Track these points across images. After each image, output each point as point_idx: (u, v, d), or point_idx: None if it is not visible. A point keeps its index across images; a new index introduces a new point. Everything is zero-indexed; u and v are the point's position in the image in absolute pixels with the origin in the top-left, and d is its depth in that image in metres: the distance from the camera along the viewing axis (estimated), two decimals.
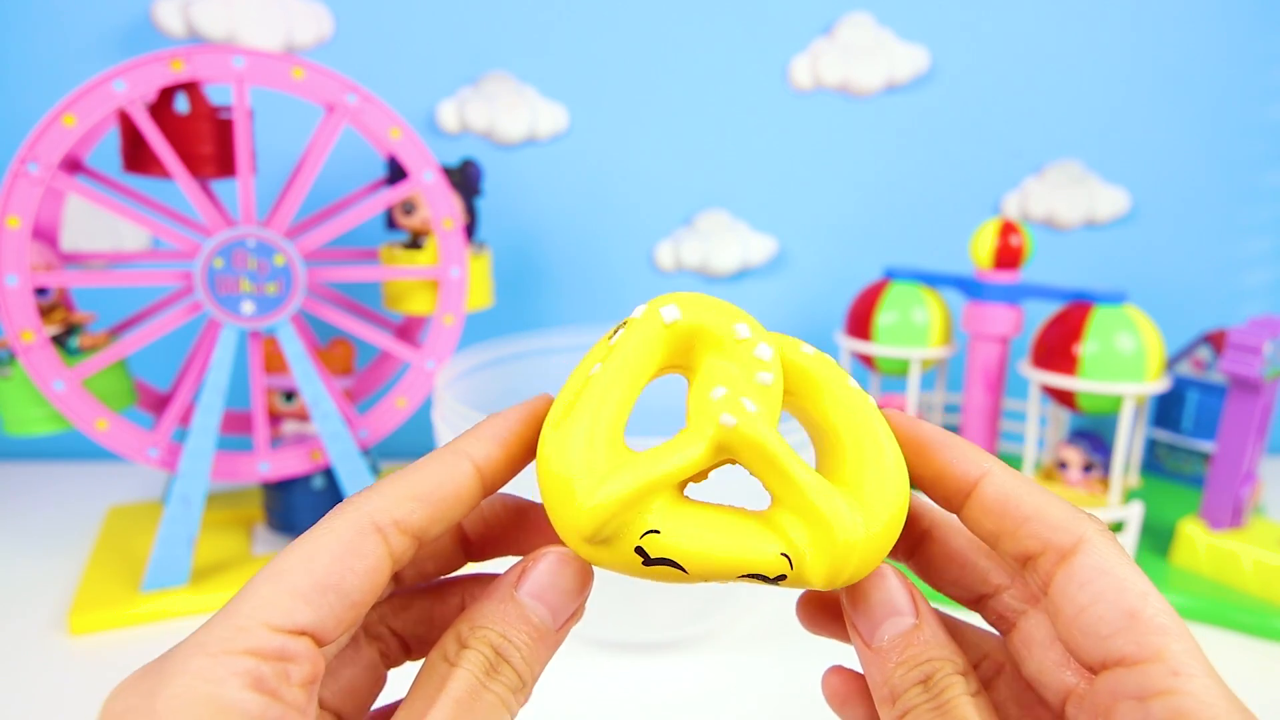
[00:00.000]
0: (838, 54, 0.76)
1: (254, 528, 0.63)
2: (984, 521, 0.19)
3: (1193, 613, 0.54)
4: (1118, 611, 0.17)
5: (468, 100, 0.74)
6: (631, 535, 0.18)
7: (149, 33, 0.70)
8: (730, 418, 0.19)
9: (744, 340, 0.20)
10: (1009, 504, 0.19)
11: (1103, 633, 0.17)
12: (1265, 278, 0.83)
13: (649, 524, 0.18)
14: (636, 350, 0.20)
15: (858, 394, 0.21)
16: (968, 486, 0.20)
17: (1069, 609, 0.18)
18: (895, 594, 0.19)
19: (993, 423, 0.66)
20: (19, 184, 0.48)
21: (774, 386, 0.20)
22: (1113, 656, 0.17)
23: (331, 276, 0.56)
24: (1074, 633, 0.17)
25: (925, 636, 0.19)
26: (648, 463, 0.18)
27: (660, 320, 0.20)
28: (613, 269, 0.81)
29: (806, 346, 0.21)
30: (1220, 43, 0.77)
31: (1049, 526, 0.18)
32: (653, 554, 0.18)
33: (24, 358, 0.50)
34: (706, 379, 0.20)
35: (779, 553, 0.18)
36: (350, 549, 0.17)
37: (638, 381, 0.20)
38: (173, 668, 0.15)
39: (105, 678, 0.47)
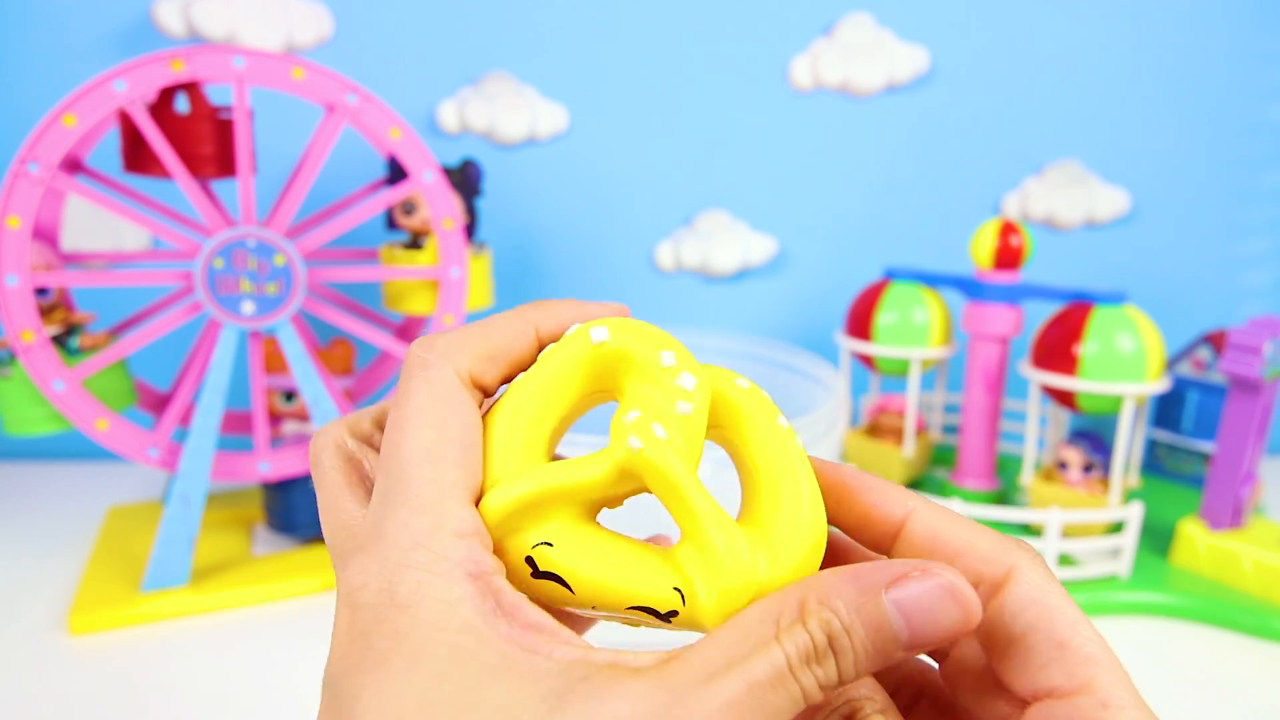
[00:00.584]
0: (838, 54, 0.76)
1: (254, 528, 0.63)
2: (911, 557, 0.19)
3: (1193, 613, 0.54)
4: (1049, 643, 0.17)
5: (468, 100, 0.74)
6: (525, 544, 0.18)
7: (149, 33, 0.70)
8: (636, 441, 0.18)
9: (668, 369, 0.19)
10: (937, 540, 0.19)
11: (1034, 664, 0.17)
12: (1265, 278, 0.83)
13: (544, 536, 0.18)
14: (560, 364, 0.20)
15: (784, 433, 0.20)
16: (894, 527, 0.19)
17: (1001, 641, 0.17)
18: None
19: (993, 423, 0.66)
20: (19, 184, 0.48)
21: (693, 417, 0.19)
22: (1044, 688, 0.17)
23: (331, 276, 0.56)
24: (1006, 665, 0.17)
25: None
26: (548, 473, 0.18)
27: (588, 340, 0.20)
28: (613, 269, 0.80)
29: (741, 380, 0.21)
30: (1220, 43, 0.77)
31: (979, 559, 0.18)
32: (540, 566, 0.18)
33: (24, 358, 0.50)
34: (626, 404, 0.19)
35: (672, 587, 0.18)
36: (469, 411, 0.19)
37: (561, 395, 0.20)
38: (399, 558, 0.17)
39: (105, 678, 0.47)
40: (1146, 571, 0.57)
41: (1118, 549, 0.58)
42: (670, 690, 0.15)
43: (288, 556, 0.58)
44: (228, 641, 0.50)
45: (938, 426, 0.77)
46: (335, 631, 0.17)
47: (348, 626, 0.17)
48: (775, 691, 0.16)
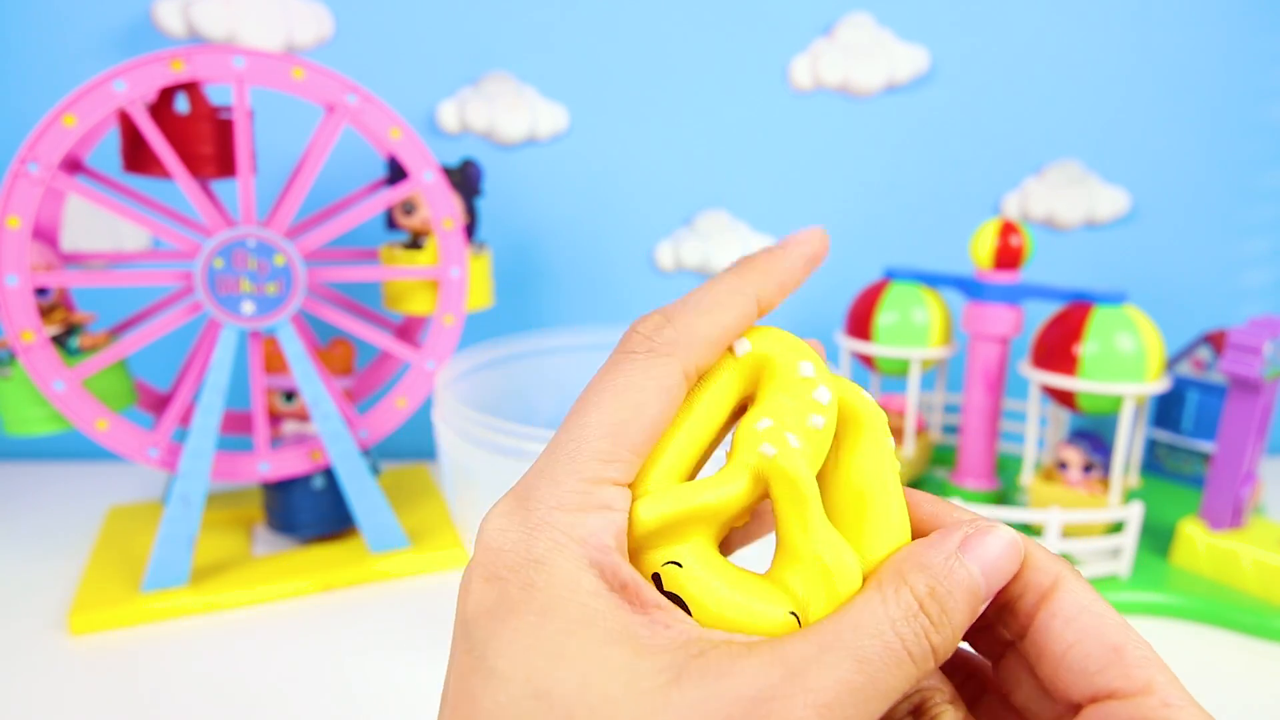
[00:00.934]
0: (838, 54, 0.76)
1: (254, 528, 0.63)
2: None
3: (1193, 613, 0.54)
4: (1103, 647, 0.17)
5: (468, 100, 0.74)
6: (656, 560, 0.19)
7: (149, 33, 0.70)
8: (770, 448, 0.19)
9: (806, 379, 0.20)
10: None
11: (1090, 668, 0.17)
12: (1265, 278, 0.83)
13: (675, 555, 0.18)
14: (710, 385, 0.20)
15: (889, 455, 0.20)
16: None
17: (1056, 646, 0.18)
18: None
19: (993, 423, 0.66)
20: (19, 184, 0.48)
21: (824, 432, 0.19)
22: (1103, 691, 0.17)
23: (331, 276, 0.56)
24: (1061, 670, 0.18)
25: None
26: (695, 491, 0.18)
27: (732, 354, 0.20)
28: (613, 269, 0.81)
29: (868, 393, 0.21)
30: (1220, 43, 0.77)
31: (1029, 568, 0.19)
32: (666, 586, 0.18)
33: (24, 358, 0.50)
34: (759, 410, 0.20)
35: (788, 612, 0.18)
36: (674, 400, 0.19)
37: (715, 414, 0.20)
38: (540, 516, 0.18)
39: (105, 678, 0.47)
40: (1146, 571, 0.57)
41: (1118, 549, 0.58)
42: (785, 665, 0.16)
43: (288, 556, 0.58)
44: (228, 641, 0.50)
45: (938, 426, 0.77)
46: (471, 575, 0.18)
47: (484, 571, 0.18)
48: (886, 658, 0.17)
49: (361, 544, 0.60)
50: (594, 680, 0.16)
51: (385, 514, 0.58)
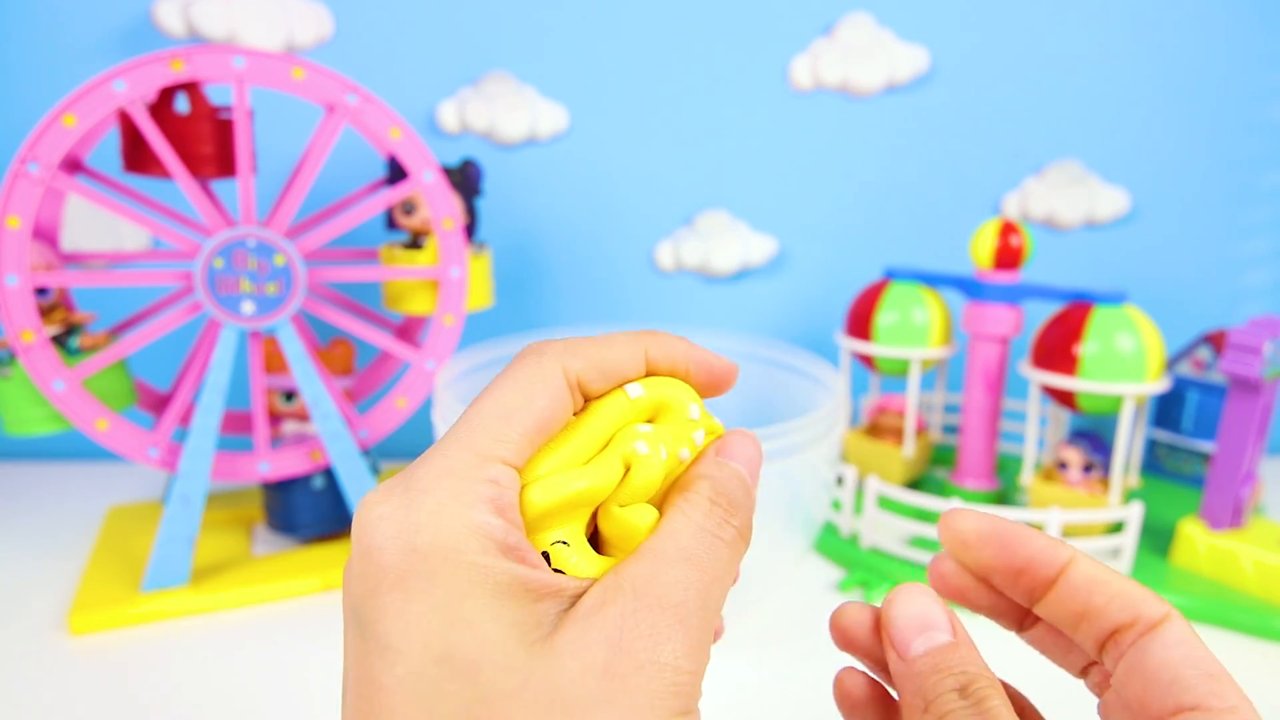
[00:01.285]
0: (838, 54, 0.76)
1: (254, 528, 0.63)
2: (1070, 604, 0.21)
3: (1193, 613, 0.54)
4: (1199, 672, 0.19)
5: (468, 100, 0.74)
6: (545, 541, 0.20)
7: (149, 33, 0.70)
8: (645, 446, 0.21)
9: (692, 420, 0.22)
10: (1097, 584, 0.20)
11: (1181, 684, 0.19)
12: (1265, 278, 0.83)
13: (562, 536, 0.20)
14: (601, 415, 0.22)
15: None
16: (1053, 573, 0.21)
17: (1151, 663, 0.19)
18: (931, 609, 0.20)
19: (993, 423, 0.66)
20: (19, 184, 0.48)
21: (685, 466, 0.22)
22: (1188, 704, 0.19)
23: (331, 276, 0.56)
24: (1151, 683, 0.19)
25: (963, 654, 0.19)
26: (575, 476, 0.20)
27: (626, 396, 0.22)
28: (613, 269, 0.81)
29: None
30: (1220, 43, 0.77)
31: (1137, 601, 0.20)
32: (554, 564, 0.19)
33: (24, 358, 0.50)
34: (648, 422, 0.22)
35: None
36: (560, 402, 0.20)
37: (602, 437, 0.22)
38: (424, 484, 0.18)
39: (105, 678, 0.47)
40: (1146, 571, 0.57)
41: (1118, 549, 0.58)
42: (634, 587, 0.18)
43: (288, 556, 0.58)
44: (228, 641, 0.50)
45: (938, 426, 0.77)
46: (350, 560, 0.18)
47: (363, 552, 0.18)
48: (705, 548, 0.19)
49: None
50: (493, 636, 0.16)
51: None
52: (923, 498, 0.57)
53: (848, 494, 0.63)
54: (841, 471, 0.63)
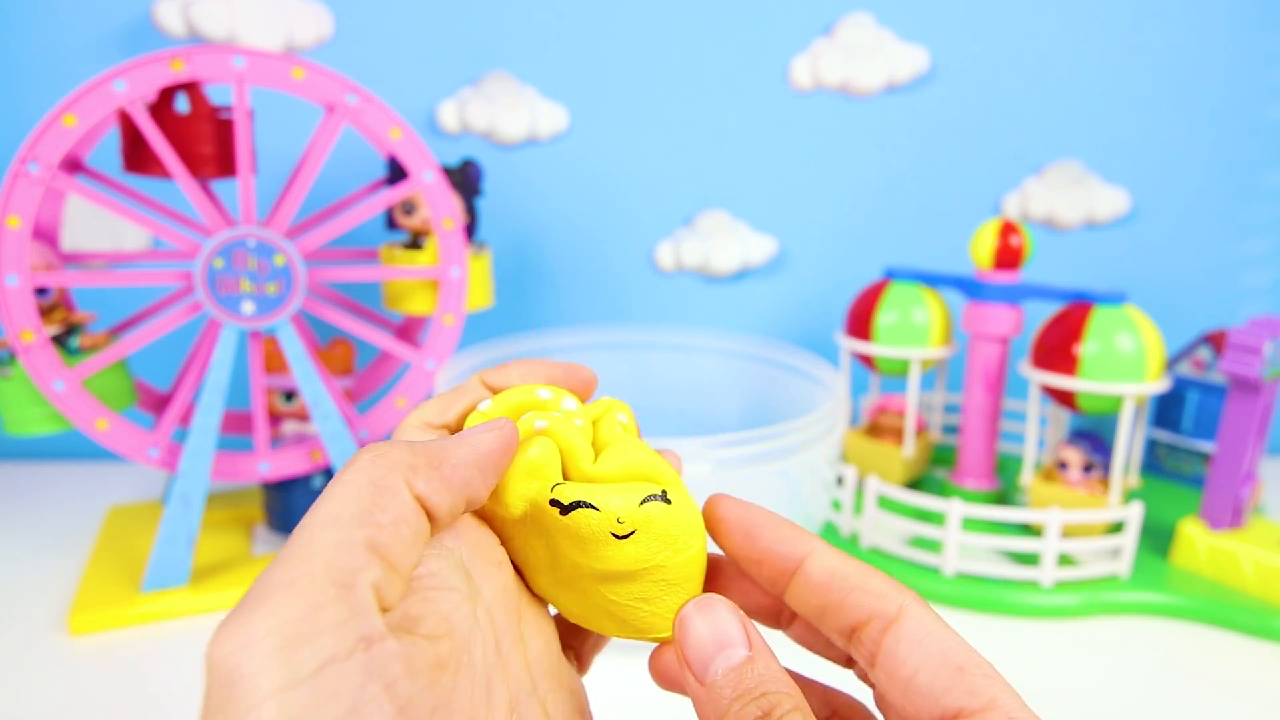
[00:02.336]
0: (838, 54, 0.76)
1: (254, 528, 0.63)
2: (810, 597, 0.20)
3: (1193, 613, 0.54)
4: (948, 668, 0.18)
5: (468, 100, 0.74)
6: (543, 497, 0.21)
7: (149, 33, 0.70)
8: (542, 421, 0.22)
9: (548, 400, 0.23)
10: (834, 578, 0.20)
11: (936, 689, 0.18)
12: (1265, 278, 0.83)
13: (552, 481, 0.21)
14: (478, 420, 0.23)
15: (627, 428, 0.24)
16: (794, 564, 0.20)
17: (903, 671, 0.18)
18: (726, 624, 0.19)
19: (993, 423, 0.66)
20: (19, 184, 0.48)
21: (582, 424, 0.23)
22: (950, 710, 0.18)
23: (331, 276, 0.56)
24: (909, 693, 0.18)
25: (760, 669, 0.18)
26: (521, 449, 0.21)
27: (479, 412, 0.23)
28: (613, 269, 0.81)
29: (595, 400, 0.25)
30: (1220, 43, 0.77)
31: (874, 596, 0.19)
32: (565, 500, 0.20)
33: (24, 358, 0.50)
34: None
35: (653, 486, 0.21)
36: (395, 506, 0.18)
37: None
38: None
39: (105, 678, 0.47)
40: (1146, 571, 0.57)
41: (1118, 549, 0.58)
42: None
43: None
44: None
45: (938, 426, 0.77)
46: None
47: None
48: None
49: None
50: None
51: None
52: (923, 498, 0.57)
53: (848, 494, 0.63)
54: (841, 471, 0.63)
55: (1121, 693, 0.47)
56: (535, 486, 0.21)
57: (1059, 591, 0.55)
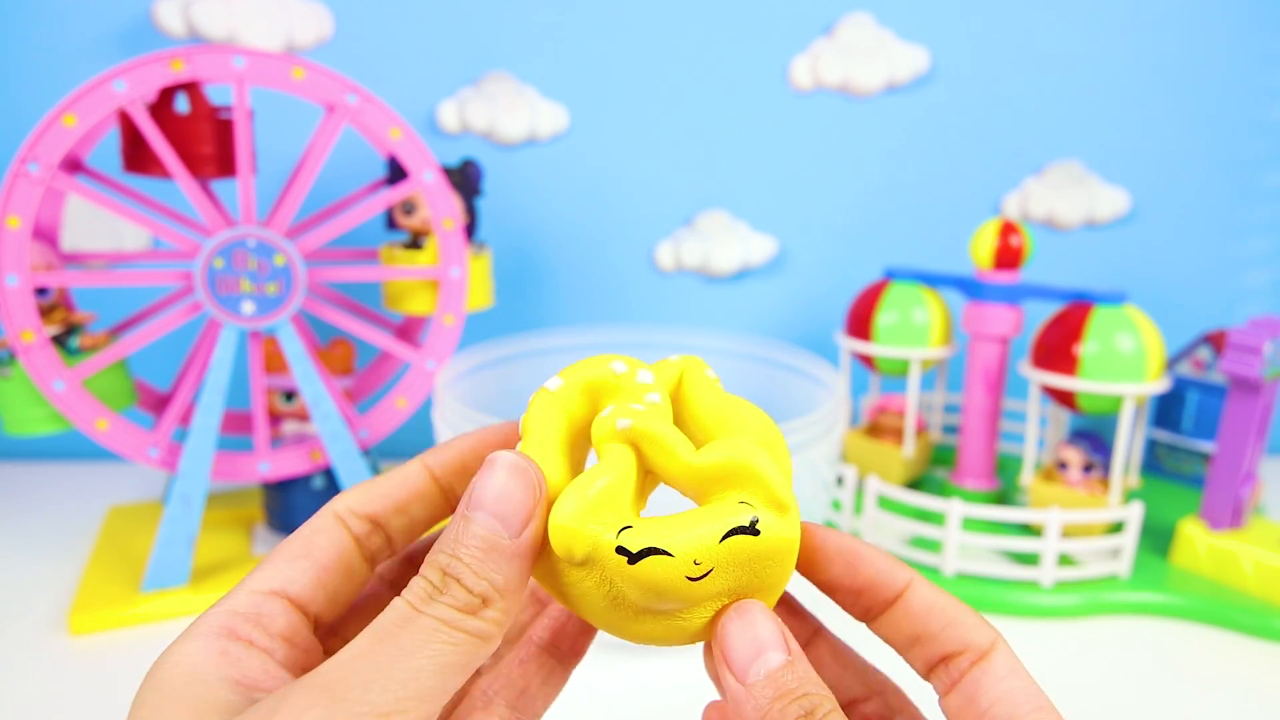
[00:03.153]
0: (838, 54, 0.76)
1: (254, 528, 0.63)
2: (905, 627, 0.21)
3: (1193, 613, 0.54)
4: (1033, 707, 0.19)
5: (468, 100, 0.74)
6: (608, 543, 0.18)
7: (149, 33, 0.70)
8: (625, 420, 0.20)
9: (623, 374, 0.21)
10: (933, 610, 0.21)
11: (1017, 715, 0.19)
12: (1265, 278, 0.83)
13: (622, 522, 0.19)
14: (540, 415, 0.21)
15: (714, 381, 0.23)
16: (893, 596, 0.21)
17: (983, 701, 0.20)
18: (765, 629, 0.20)
19: (993, 423, 0.66)
20: (19, 184, 0.48)
21: (663, 403, 0.21)
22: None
23: (331, 276, 0.56)
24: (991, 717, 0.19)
25: (799, 673, 0.19)
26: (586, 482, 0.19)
27: (547, 390, 0.22)
28: (613, 269, 0.81)
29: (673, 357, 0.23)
30: (1220, 43, 0.77)
31: (969, 629, 0.21)
32: (634, 548, 0.18)
33: (24, 358, 0.50)
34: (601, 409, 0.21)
35: (738, 502, 0.19)
36: (315, 529, 0.21)
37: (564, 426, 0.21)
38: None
39: (105, 678, 0.47)
40: (1146, 571, 0.57)
41: (1118, 549, 0.58)
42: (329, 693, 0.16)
43: None
44: None
45: (938, 426, 0.77)
46: None
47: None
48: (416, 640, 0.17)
49: None
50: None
51: None
52: (923, 498, 0.57)
53: (848, 494, 0.63)
54: (841, 471, 0.63)
55: (1121, 693, 0.47)
56: (598, 527, 0.19)
57: (1059, 591, 0.55)
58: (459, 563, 0.18)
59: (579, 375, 0.22)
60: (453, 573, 0.18)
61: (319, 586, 0.20)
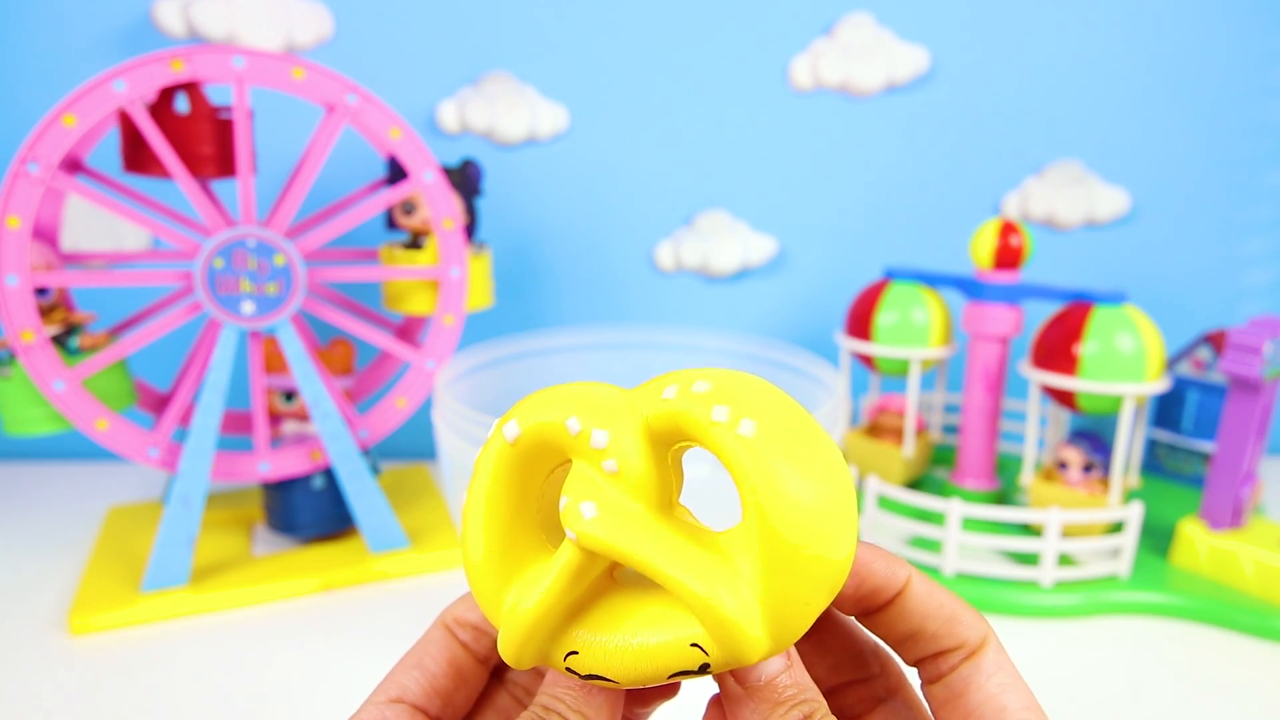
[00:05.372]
0: (838, 54, 0.76)
1: (254, 528, 0.63)
2: (901, 624, 0.22)
3: (1193, 613, 0.54)
4: (1021, 706, 0.20)
5: (468, 100, 0.74)
6: (557, 656, 0.19)
7: (149, 33, 0.70)
8: (571, 532, 0.17)
9: (578, 435, 0.18)
10: (930, 607, 0.22)
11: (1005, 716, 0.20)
12: (1265, 278, 0.83)
13: (570, 645, 0.18)
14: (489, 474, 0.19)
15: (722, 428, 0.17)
16: (891, 594, 0.22)
17: (976, 696, 0.21)
18: None
19: (993, 423, 0.66)
20: (19, 184, 0.48)
21: (626, 467, 0.18)
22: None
23: (331, 276, 0.56)
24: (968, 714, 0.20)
25: (797, 678, 0.20)
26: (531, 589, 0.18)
27: (504, 440, 0.19)
28: (613, 269, 0.81)
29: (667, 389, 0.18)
30: (1220, 43, 0.77)
31: (965, 627, 0.21)
32: (581, 673, 0.18)
33: (24, 358, 0.50)
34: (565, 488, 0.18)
35: (690, 644, 0.17)
36: (427, 639, 0.23)
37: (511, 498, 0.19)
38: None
39: (105, 678, 0.47)
40: (1146, 571, 0.57)
41: (1118, 549, 0.58)
42: None
43: (288, 556, 0.58)
44: (228, 641, 0.50)
45: (938, 426, 0.77)
46: None
47: None
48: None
49: (361, 544, 0.60)
50: None
51: (385, 514, 0.58)
52: (923, 498, 0.57)
53: None
54: None
55: (1121, 693, 0.47)
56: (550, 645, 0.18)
57: (1059, 591, 0.55)
58: (555, 699, 0.20)
59: (532, 423, 0.19)
60: (552, 708, 0.20)
61: (434, 693, 0.22)
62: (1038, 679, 0.48)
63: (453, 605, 0.24)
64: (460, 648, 0.23)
